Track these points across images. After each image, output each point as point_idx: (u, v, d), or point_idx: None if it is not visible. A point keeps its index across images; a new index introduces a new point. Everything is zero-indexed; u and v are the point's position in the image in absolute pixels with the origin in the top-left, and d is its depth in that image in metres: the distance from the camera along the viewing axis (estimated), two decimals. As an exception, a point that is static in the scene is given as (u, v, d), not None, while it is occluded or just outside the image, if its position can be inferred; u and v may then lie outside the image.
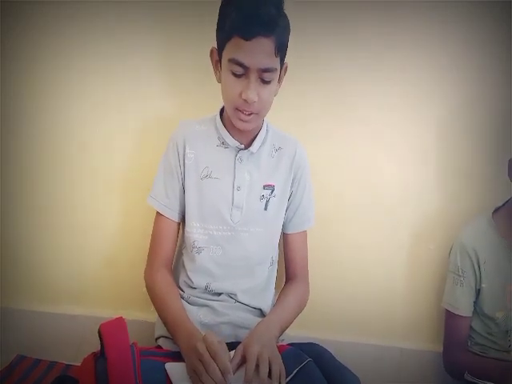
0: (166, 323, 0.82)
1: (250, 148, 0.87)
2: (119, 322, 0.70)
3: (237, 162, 0.87)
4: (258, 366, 0.69)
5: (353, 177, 1.09)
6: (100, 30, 1.04)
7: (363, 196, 1.09)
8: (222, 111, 0.90)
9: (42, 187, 1.13)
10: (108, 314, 1.04)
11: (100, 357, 0.69)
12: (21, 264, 1.16)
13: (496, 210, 0.99)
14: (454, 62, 1.02)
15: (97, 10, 1.03)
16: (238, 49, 0.74)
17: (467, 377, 0.93)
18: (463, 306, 0.97)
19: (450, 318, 1.00)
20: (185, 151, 0.87)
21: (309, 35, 1.01)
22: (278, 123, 0.97)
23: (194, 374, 0.68)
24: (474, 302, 0.98)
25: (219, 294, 0.88)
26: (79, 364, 0.73)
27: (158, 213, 0.90)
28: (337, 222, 1.10)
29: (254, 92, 0.77)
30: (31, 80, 1.08)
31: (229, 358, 0.70)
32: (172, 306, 0.82)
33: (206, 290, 0.88)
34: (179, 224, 0.91)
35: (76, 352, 1.06)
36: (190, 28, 1.02)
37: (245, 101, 0.77)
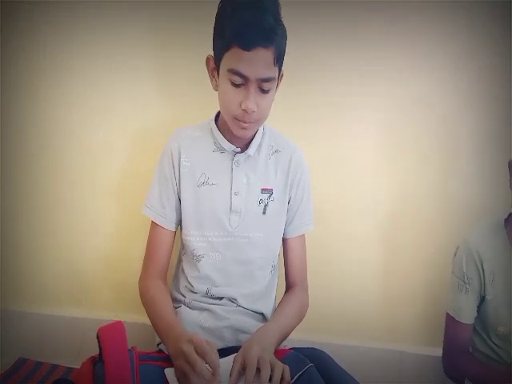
0: (156, 328, 0.78)
1: (247, 151, 0.84)
2: (118, 325, 0.66)
3: (234, 165, 0.84)
4: (258, 370, 0.65)
5: (352, 177, 1.05)
6: (100, 30, 1.00)
7: (362, 197, 1.05)
8: (216, 116, 0.87)
9: (42, 190, 1.09)
10: (109, 316, 1.01)
11: (98, 361, 0.65)
12: (21, 266, 1.12)
13: (509, 217, 0.89)
14: (453, 62, 0.98)
15: (97, 10, 0.99)
16: (237, 59, 0.72)
17: (467, 383, 0.87)
18: (466, 314, 0.90)
19: (451, 323, 0.93)
20: (180, 160, 0.84)
21: (308, 35, 0.98)
22: (277, 123, 0.93)
23: (182, 377, 0.65)
24: (478, 307, 0.91)
25: (220, 299, 0.85)
26: (79, 367, 0.68)
27: (152, 222, 0.87)
28: (336, 223, 1.06)
29: (253, 102, 0.74)
30: (31, 80, 1.04)
31: (218, 357, 0.65)
32: (163, 311, 0.78)
33: (207, 294, 0.84)
34: (175, 233, 0.88)
35: (77, 354, 1.02)
36: (190, 29, 0.98)
37: (244, 111, 0.75)
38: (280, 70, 0.79)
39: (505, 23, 0.95)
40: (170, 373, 0.68)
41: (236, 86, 0.74)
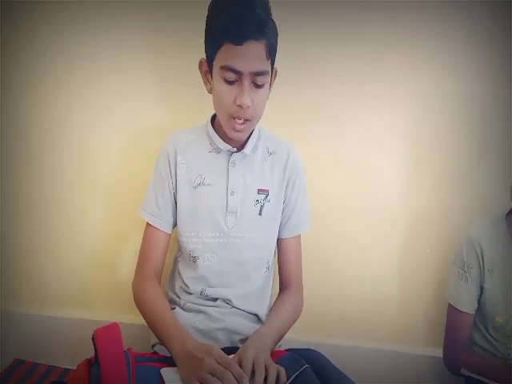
0: (155, 329, 0.77)
1: (243, 150, 0.84)
2: (113, 327, 0.65)
3: (230, 166, 0.84)
4: (253, 372, 0.65)
5: (350, 177, 1.04)
6: (100, 30, 1.00)
7: (361, 197, 1.04)
8: (212, 119, 0.87)
9: (42, 190, 1.09)
10: (106, 317, 0.99)
11: (94, 363, 0.64)
12: (20, 267, 1.11)
13: (510, 211, 0.90)
14: (453, 62, 0.97)
15: (97, 10, 0.99)
16: (229, 55, 0.72)
17: (463, 371, 0.88)
18: (466, 303, 0.90)
19: (452, 312, 0.93)
20: (176, 161, 0.84)
21: (308, 35, 0.97)
22: (276, 123, 0.93)
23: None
24: (478, 299, 0.91)
25: (215, 300, 0.84)
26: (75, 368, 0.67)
27: (148, 224, 0.86)
28: (333, 223, 1.05)
29: (248, 97, 0.74)
30: (31, 80, 1.03)
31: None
32: (162, 312, 0.78)
33: (202, 295, 0.83)
34: (170, 235, 0.87)
35: (74, 355, 1.01)
36: (190, 29, 0.96)
37: (239, 107, 0.74)
38: (273, 65, 0.78)
39: (505, 23, 0.94)
40: (166, 372, 0.67)
41: (229, 83, 0.74)
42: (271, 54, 0.75)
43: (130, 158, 1.05)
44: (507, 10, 0.93)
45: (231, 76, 0.73)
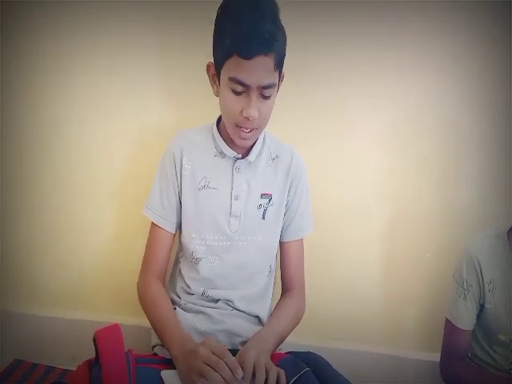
0: (157, 330, 0.77)
1: (248, 157, 0.83)
2: (114, 328, 0.65)
3: (234, 171, 0.83)
4: (254, 374, 0.65)
5: (350, 178, 1.04)
6: (100, 30, 0.99)
7: (361, 197, 1.04)
8: (218, 120, 0.86)
9: (42, 191, 1.08)
10: (106, 318, 1.00)
11: (95, 364, 0.64)
12: (19, 268, 1.11)
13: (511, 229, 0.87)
14: (454, 62, 0.97)
15: (97, 10, 0.98)
16: (237, 68, 0.71)
17: None
18: (464, 320, 0.89)
19: (449, 327, 0.91)
20: (182, 162, 0.83)
21: (308, 35, 0.97)
22: (277, 124, 0.92)
23: (190, 380, 0.64)
24: (478, 315, 0.89)
25: (216, 301, 0.84)
26: (75, 369, 0.67)
27: (153, 223, 0.86)
28: (335, 224, 1.04)
29: (255, 109, 0.74)
30: (31, 80, 1.03)
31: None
32: (164, 313, 0.78)
33: (203, 295, 0.83)
34: (174, 235, 0.87)
35: (73, 356, 1.01)
36: (191, 29, 0.97)
37: (246, 118, 0.74)
38: (280, 73, 0.78)
39: (505, 23, 0.93)
40: (166, 375, 0.67)
41: (237, 93, 0.74)
42: (279, 65, 0.74)
43: (130, 159, 1.05)
44: (507, 10, 0.93)
45: (239, 88, 0.73)
